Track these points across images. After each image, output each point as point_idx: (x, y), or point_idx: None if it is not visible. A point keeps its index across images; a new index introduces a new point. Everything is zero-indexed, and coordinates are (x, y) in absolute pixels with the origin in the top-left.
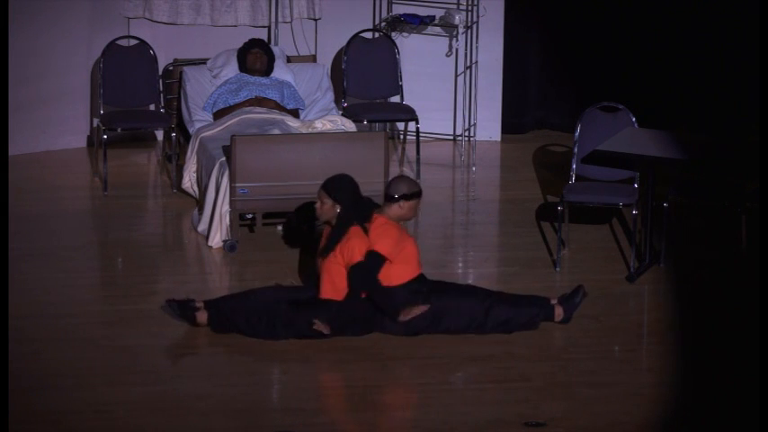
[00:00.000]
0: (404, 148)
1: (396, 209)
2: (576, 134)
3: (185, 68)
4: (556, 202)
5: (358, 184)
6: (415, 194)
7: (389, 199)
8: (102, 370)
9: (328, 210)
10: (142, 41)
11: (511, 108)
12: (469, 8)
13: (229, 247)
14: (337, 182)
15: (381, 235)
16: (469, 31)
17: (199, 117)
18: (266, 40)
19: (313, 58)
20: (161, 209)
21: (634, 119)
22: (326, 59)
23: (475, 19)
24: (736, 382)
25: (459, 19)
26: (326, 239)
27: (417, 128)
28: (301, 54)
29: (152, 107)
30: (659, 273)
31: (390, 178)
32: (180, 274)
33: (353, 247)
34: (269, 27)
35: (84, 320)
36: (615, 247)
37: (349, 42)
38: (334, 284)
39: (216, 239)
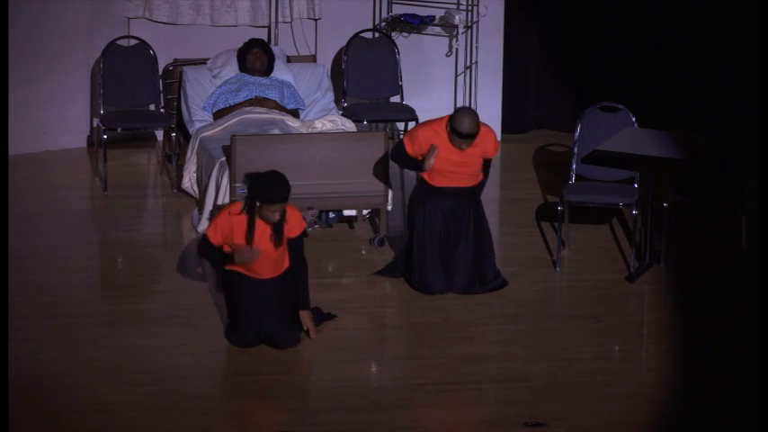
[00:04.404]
0: None
1: None
2: (576, 134)
3: (185, 68)
4: (556, 202)
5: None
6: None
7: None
8: (102, 370)
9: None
10: (142, 41)
11: (511, 108)
12: (469, 8)
13: None
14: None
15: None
16: (469, 31)
17: (199, 117)
18: (266, 40)
19: (313, 58)
20: (161, 209)
21: (634, 119)
22: (326, 59)
23: (475, 19)
24: (736, 382)
25: (459, 19)
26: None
27: None
28: (301, 54)
29: (152, 107)
30: (659, 273)
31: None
32: (180, 274)
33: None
34: (269, 27)
35: (84, 320)
36: (615, 247)
37: (349, 42)
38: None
39: None
